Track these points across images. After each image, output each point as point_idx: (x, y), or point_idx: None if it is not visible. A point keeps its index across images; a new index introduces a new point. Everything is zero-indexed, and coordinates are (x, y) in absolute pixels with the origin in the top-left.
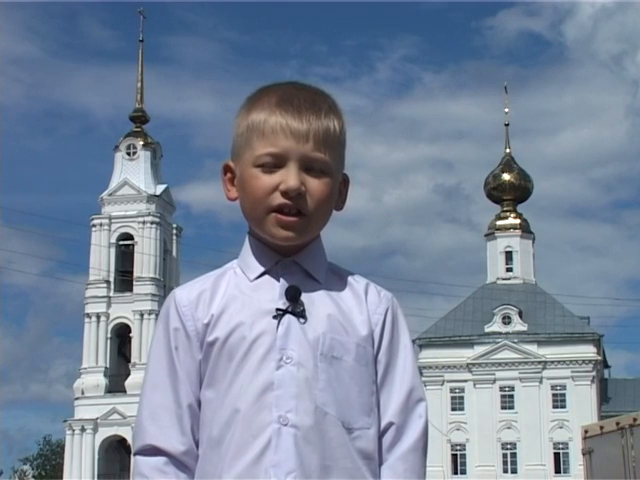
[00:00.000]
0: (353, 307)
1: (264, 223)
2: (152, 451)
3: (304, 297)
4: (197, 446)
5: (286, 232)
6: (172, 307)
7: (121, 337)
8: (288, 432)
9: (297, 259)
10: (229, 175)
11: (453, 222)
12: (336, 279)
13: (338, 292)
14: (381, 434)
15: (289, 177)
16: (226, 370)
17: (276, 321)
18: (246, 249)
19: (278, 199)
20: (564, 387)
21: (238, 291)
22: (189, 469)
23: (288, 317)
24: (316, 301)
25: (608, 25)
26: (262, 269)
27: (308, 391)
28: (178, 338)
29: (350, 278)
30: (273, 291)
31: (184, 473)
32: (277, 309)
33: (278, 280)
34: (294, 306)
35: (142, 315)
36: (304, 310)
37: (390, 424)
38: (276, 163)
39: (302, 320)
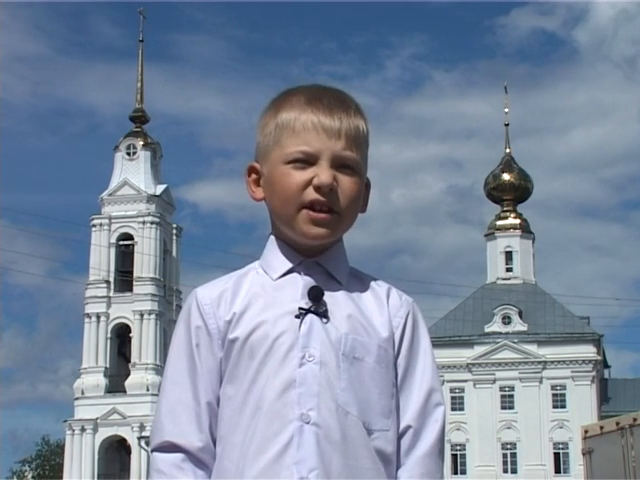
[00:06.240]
0: (374, 309)
1: (295, 220)
2: (170, 448)
3: (326, 297)
4: (214, 443)
5: (318, 229)
6: (194, 305)
7: (121, 337)
8: (310, 430)
9: (319, 260)
10: (254, 176)
11: (462, 222)
12: (358, 282)
13: (359, 294)
14: (399, 437)
15: (322, 173)
16: (247, 368)
17: (298, 320)
18: (269, 250)
19: (311, 194)
20: (564, 387)
21: (261, 290)
22: (206, 466)
23: (310, 316)
24: (338, 302)
25: (623, 26)
26: (285, 269)
27: (330, 390)
28: (199, 336)
29: (372, 282)
30: (295, 291)
31: (201, 470)
32: (300, 308)
33: (301, 280)
34: (317, 306)
35: (142, 315)
36: (327, 310)
37: (408, 427)
38: (308, 160)
39: (324, 320)
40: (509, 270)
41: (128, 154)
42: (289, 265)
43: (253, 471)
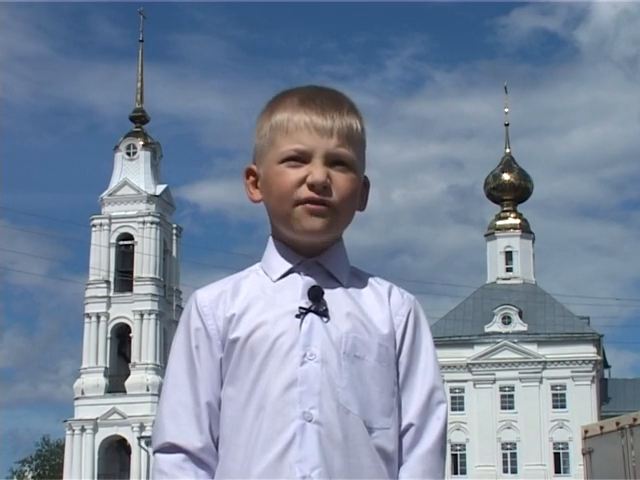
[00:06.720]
0: (375, 307)
1: (291, 217)
2: (171, 448)
3: (326, 297)
4: (216, 444)
5: (314, 220)
6: (193, 308)
7: (121, 337)
8: (312, 428)
9: (319, 260)
10: (252, 178)
11: (462, 222)
12: (358, 281)
13: (360, 293)
14: (401, 435)
15: (315, 170)
16: (249, 368)
17: (299, 320)
18: (269, 251)
19: (305, 192)
20: (564, 387)
21: (261, 292)
22: (208, 466)
23: (311, 316)
24: (338, 301)
25: (624, 26)
26: (285, 270)
27: (331, 389)
28: (199, 337)
29: (372, 280)
30: (296, 291)
31: (203, 470)
32: (300, 307)
33: (300, 280)
34: (317, 305)
35: (142, 315)
36: (327, 309)
37: (410, 425)
38: (301, 158)
39: (325, 319)
40: (509, 270)
41: (128, 154)
42: (289, 266)
43: (256, 470)
